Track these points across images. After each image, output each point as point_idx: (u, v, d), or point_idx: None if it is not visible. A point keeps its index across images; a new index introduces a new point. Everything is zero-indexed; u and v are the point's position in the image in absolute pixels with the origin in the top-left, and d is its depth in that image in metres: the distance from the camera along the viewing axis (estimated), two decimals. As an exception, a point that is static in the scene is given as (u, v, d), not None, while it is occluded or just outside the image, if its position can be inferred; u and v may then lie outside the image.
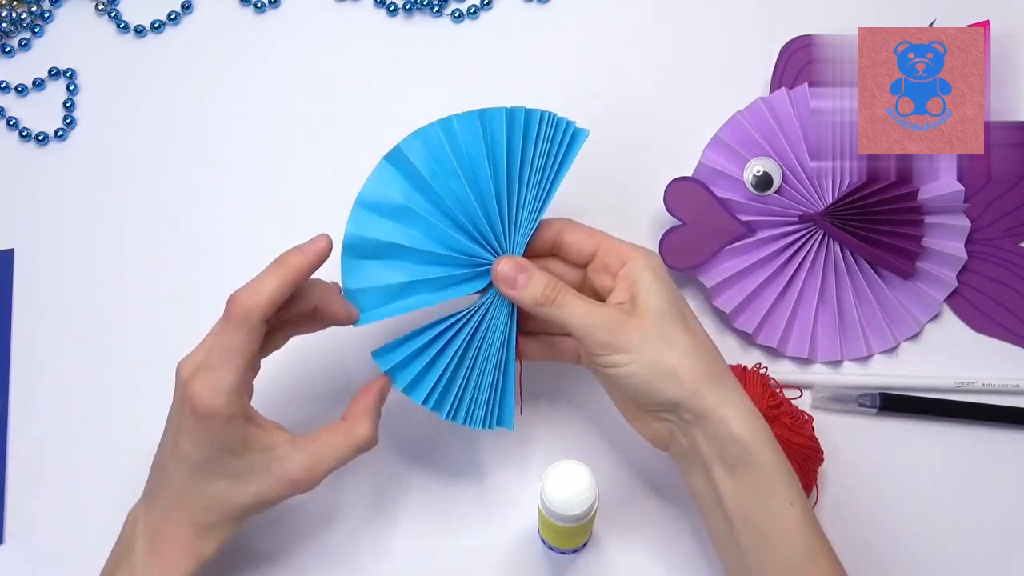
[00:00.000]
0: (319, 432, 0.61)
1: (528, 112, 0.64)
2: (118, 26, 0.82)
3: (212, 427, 0.57)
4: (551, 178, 0.64)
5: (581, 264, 0.64)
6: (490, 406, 0.63)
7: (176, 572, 0.58)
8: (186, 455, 0.58)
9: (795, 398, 0.71)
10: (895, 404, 0.71)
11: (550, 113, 0.64)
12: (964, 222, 0.73)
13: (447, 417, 0.63)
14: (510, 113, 0.63)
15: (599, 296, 0.63)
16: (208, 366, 0.57)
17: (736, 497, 0.59)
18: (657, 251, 0.72)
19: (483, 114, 0.64)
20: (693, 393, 0.58)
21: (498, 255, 0.63)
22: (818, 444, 0.68)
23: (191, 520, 0.59)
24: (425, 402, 0.62)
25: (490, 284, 0.63)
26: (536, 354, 0.66)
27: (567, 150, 0.64)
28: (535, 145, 0.63)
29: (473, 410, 0.63)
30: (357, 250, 0.63)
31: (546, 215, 0.64)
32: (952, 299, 0.75)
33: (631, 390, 0.60)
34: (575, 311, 0.60)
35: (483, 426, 0.63)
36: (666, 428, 0.61)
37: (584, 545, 0.68)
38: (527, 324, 0.65)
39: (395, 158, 0.64)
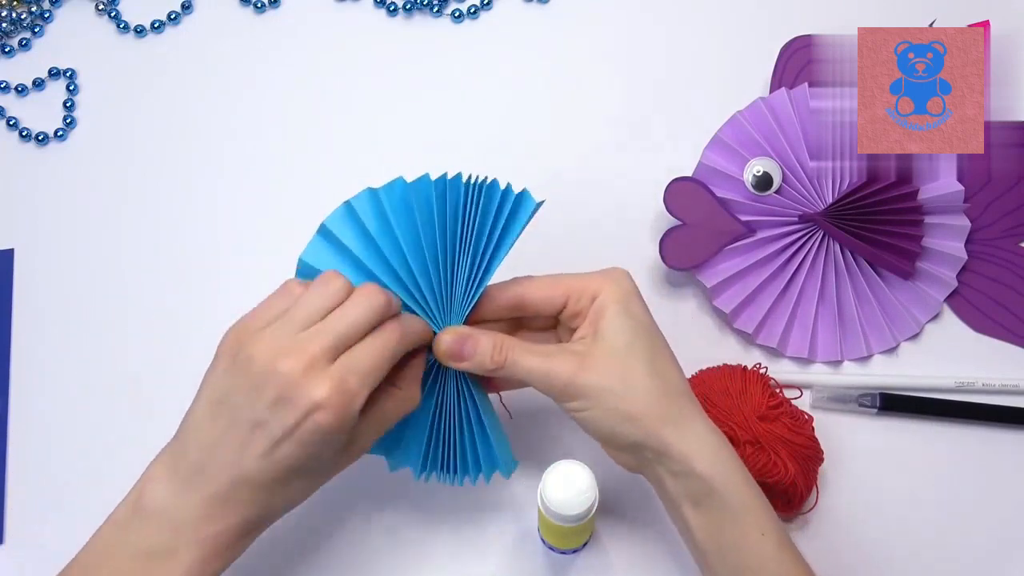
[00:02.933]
0: (378, 403, 0.57)
1: (455, 180, 0.59)
2: (118, 26, 0.82)
3: (330, 440, 0.54)
4: (491, 247, 0.59)
5: (554, 314, 0.61)
6: (475, 458, 0.62)
7: (217, 568, 0.55)
8: (284, 459, 0.53)
9: (795, 398, 0.71)
10: (895, 404, 0.71)
11: (476, 182, 0.59)
12: (964, 222, 0.73)
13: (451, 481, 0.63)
14: (433, 182, 0.59)
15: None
16: (354, 375, 0.53)
17: (705, 531, 0.58)
18: (657, 251, 0.72)
19: (402, 186, 0.60)
20: (653, 434, 0.57)
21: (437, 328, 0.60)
22: (818, 444, 0.68)
23: (249, 514, 0.55)
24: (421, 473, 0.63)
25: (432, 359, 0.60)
26: (510, 384, 0.64)
27: (511, 216, 0.60)
28: (464, 211, 0.59)
29: (461, 467, 0.62)
30: None
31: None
32: (952, 299, 0.75)
33: (593, 432, 0.59)
34: (529, 366, 0.58)
35: (472, 480, 0.63)
36: (634, 459, 0.60)
37: (584, 545, 0.68)
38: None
39: (325, 234, 0.60)
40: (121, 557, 0.55)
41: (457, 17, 0.82)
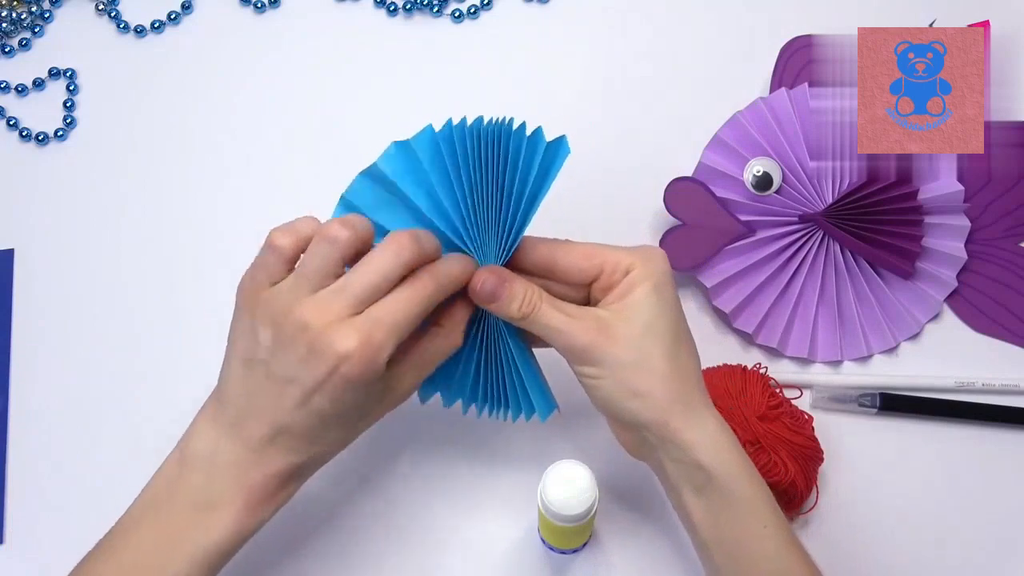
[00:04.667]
0: (417, 347, 0.58)
1: (477, 122, 0.59)
2: (118, 26, 0.82)
3: (360, 390, 0.54)
4: (526, 190, 0.58)
5: (585, 284, 0.60)
6: (515, 399, 0.63)
7: (259, 520, 0.56)
8: (319, 410, 0.54)
9: (795, 398, 0.71)
10: (895, 404, 0.71)
11: (502, 124, 0.59)
12: (964, 222, 0.73)
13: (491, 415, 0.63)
14: (457, 126, 0.59)
15: None
16: (380, 328, 0.53)
17: (707, 520, 0.58)
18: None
19: (430, 133, 0.60)
20: (658, 416, 0.57)
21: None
22: (818, 444, 0.68)
23: (289, 461, 0.56)
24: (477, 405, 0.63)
25: None
26: (535, 340, 0.63)
27: (546, 158, 0.59)
28: (492, 151, 0.59)
29: (506, 403, 0.63)
30: None
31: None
32: (952, 299, 0.75)
33: (600, 404, 0.59)
34: (551, 323, 0.57)
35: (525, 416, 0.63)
36: (637, 440, 0.60)
37: (584, 545, 0.67)
38: None
39: (345, 204, 0.61)
40: (169, 508, 0.56)
41: (457, 17, 0.82)
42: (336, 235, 0.54)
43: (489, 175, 0.59)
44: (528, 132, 0.59)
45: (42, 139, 0.79)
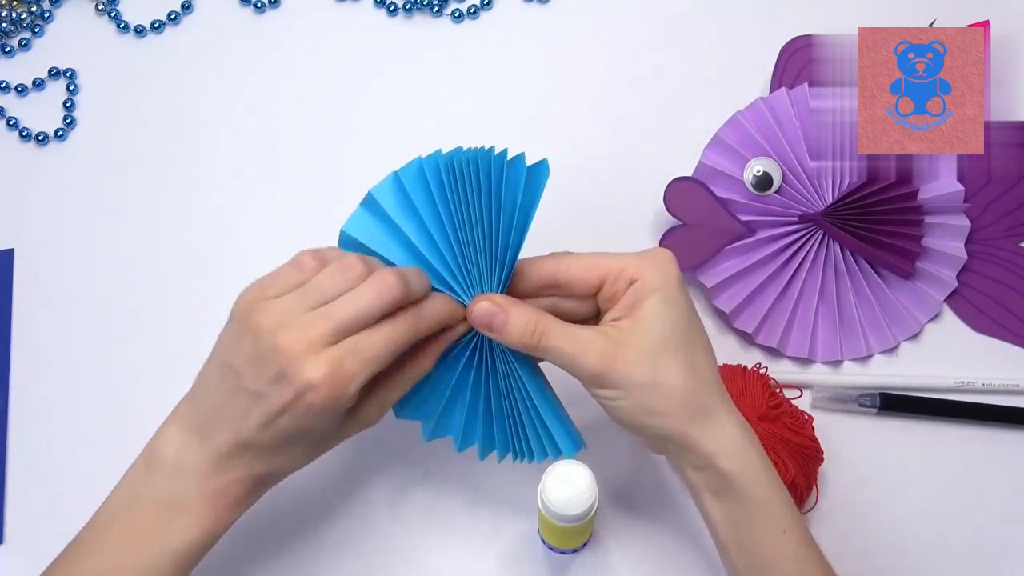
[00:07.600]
0: (388, 376, 0.58)
1: (457, 152, 0.59)
2: (118, 26, 0.82)
3: (325, 417, 0.54)
4: (513, 218, 0.58)
5: (590, 295, 0.60)
6: (536, 438, 0.61)
7: (225, 523, 0.57)
8: (283, 429, 0.54)
9: (795, 398, 0.71)
10: (895, 404, 0.71)
11: (474, 153, 0.59)
12: (964, 222, 0.74)
13: (514, 458, 0.62)
14: (435, 160, 0.59)
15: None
16: (354, 359, 0.53)
17: (727, 524, 0.58)
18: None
19: (407, 170, 0.60)
20: (679, 432, 0.57)
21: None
22: (818, 444, 0.68)
23: (252, 472, 0.56)
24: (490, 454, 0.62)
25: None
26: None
27: (528, 184, 0.58)
28: (468, 184, 0.58)
29: (518, 447, 0.62)
30: None
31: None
32: (952, 299, 0.75)
33: (618, 421, 0.59)
34: (562, 348, 0.57)
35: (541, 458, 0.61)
36: (660, 447, 0.60)
37: (584, 545, 0.68)
38: None
39: (369, 204, 0.61)
40: (136, 508, 0.56)
41: (457, 17, 0.82)
42: (351, 265, 0.55)
43: (474, 206, 0.58)
44: (509, 157, 0.59)
45: (42, 139, 0.79)
